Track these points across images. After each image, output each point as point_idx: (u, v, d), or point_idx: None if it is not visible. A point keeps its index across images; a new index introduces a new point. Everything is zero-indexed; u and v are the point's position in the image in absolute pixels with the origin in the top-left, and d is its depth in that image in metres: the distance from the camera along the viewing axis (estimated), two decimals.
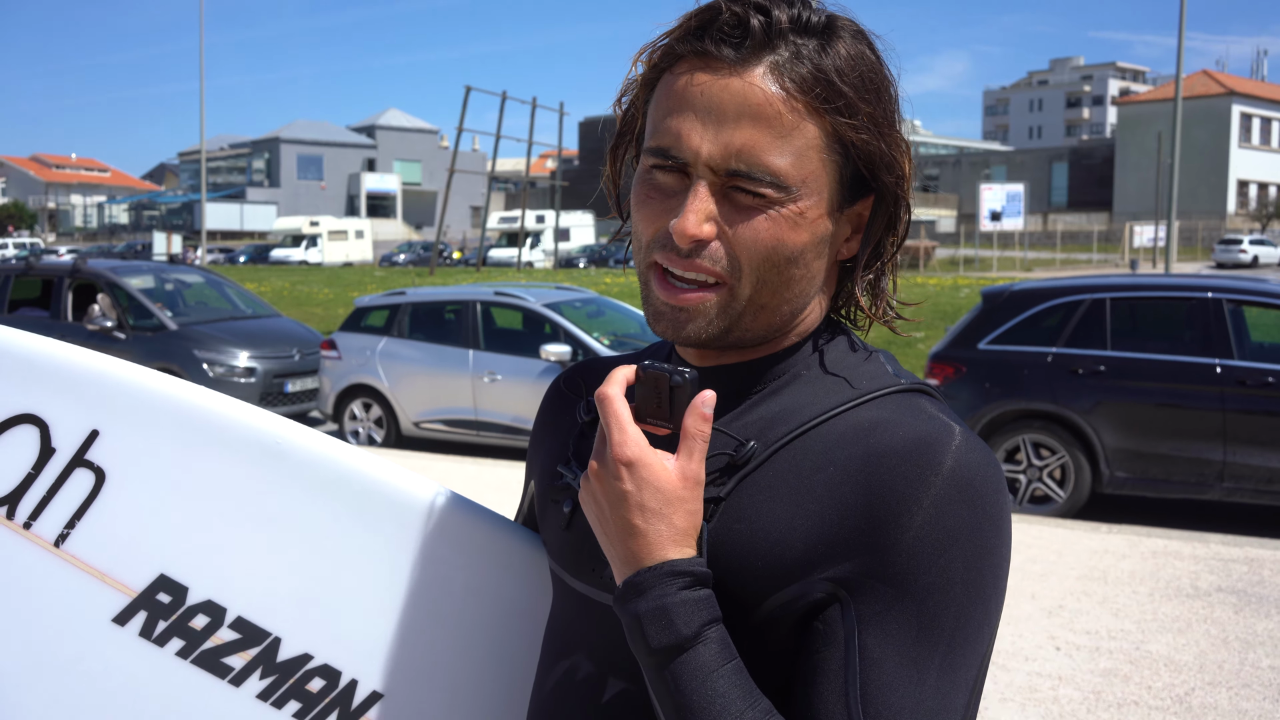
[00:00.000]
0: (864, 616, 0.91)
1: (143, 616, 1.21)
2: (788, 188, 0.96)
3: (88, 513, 1.21)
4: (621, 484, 0.93)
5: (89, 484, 1.21)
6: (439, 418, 10.15)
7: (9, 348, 1.22)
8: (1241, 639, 5.19)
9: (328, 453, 1.23)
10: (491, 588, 1.27)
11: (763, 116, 0.95)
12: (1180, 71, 23.86)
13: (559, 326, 9.75)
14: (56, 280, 11.86)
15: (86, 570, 1.21)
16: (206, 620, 1.21)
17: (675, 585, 0.92)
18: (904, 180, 1.02)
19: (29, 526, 1.20)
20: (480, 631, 1.27)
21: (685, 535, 0.94)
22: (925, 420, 0.96)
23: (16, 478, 1.20)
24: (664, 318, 1.00)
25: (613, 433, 0.94)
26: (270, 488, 1.22)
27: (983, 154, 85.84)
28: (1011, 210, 42.59)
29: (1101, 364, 7.59)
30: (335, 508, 1.23)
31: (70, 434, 1.20)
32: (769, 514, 0.96)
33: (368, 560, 1.23)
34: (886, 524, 0.92)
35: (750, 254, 0.97)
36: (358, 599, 1.23)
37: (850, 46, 0.98)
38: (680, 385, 0.95)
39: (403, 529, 1.24)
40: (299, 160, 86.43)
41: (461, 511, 1.26)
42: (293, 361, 11.31)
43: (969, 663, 0.93)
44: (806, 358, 1.05)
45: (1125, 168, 69.93)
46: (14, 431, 1.20)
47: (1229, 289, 7.62)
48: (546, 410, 1.26)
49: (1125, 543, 6.84)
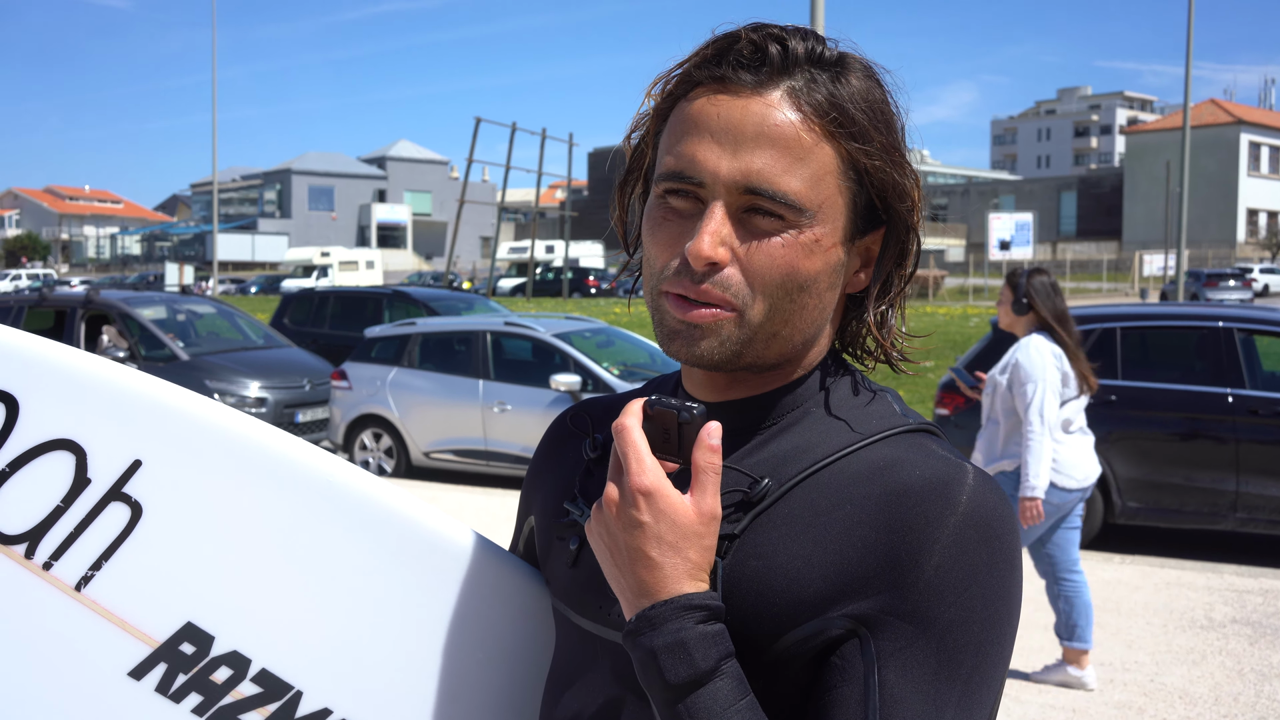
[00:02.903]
0: (884, 653, 0.91)
1: (162, 669, 1.12)
2: (804, 210, 0.96)
3: (117, 552, 1.11)
4: (639, 514, 0.93)
5: (123, 519, 1.11)
6: (449, 448, 10.15)
7: (53, 364, 1.11)
8: (1257, 671, 5.14)
9: (371, 492, 1.16)
10: (510, 636, 1.23)
11: (781, 139, 0.95)
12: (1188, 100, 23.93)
13: (569, 356, 9.76)
14: (70, 311, 11.94)
15: (107, 618, 1.11)
16: (229, 674, 1.13)
17: (692, 619, 0.91)
18: (915, 210, 1.03)
19: (49, 567, 1.11)
20: (498, 682, 1.23)
21: (699, 570, 0.94)
22: (938, 460, 0.97)
23: (42, 512, 1.10)
24: (678, 336, 0.99)
25: (630, 462, 0.94)
26: (310, 526, 1.14)
27: (991, 183, 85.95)
28: (1020, 239, 42.58)
29: (1113, 394, 7.56)
30: (372, 550, 1.16)
31: (110, 463, 1.10)
32: (786, 551, 0.96)
33: (399, 606, 1.17)
34: (907, 562, 0.92)
35: (764, 280, 0.96)
36: (385, 648, 1.17)
37: (861, 81, 1.00)
38: (688, 421, 0.95)
39: (436, 574, 1.18)
40: (310, 191, 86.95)
41: (494, 560, 1.21)
42: (303, 391, 11.34)
43: (985, 700, 0.94)
44: (814, 394, 1.05)
45: (1134, 197, 69.97)
46: (46, 458, 1.10)
47: (1240, 318, 7.61)
48: (548, 446, 1.25)
49: (1138, 573, 6.80)
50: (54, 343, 1.13)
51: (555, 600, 1.14)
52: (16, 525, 1.10)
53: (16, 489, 1.10)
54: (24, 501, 1.10)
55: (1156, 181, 62.64)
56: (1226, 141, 67.45)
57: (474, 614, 1.20)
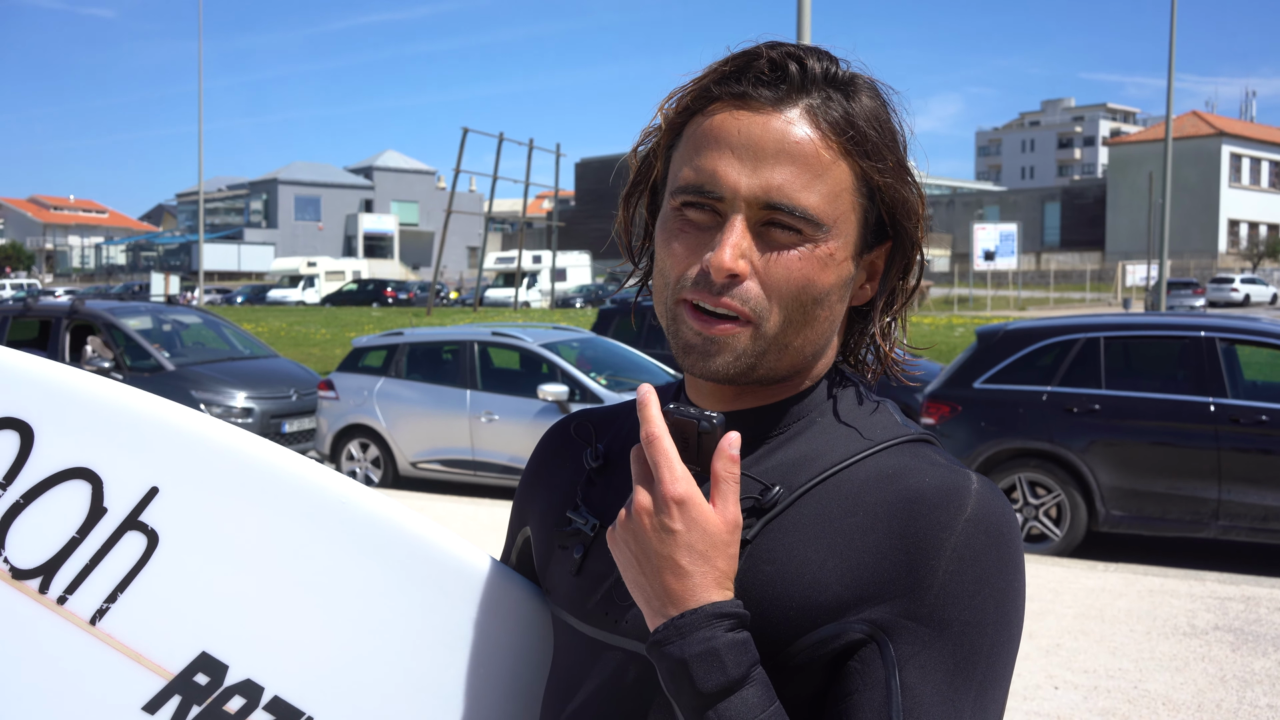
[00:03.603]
0: (903, 656, 0.93)
1: (176, 702, 1.10)
2: (821, 225, 0.99)
3: (132, 583, 1.09)
4: (671, 521, 0.93)
5: (139, 549, 1.09)
6: (436, 458, 10.15)
7: (68, 390, 1.09)
8: (1239, 677, 5.19)
9: (381, 512, 1.15)
10: (513, 651, 1.24)
11: (801, 155, 0.98)
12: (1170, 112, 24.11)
13: (556, 366, 9.78)
14: (54, 321, 11.89)
15: (122, 651, 1.09)
16: (242, 703, 1.12)
17: (722, 627, 0.92)
18: (920, 226, 1.06)
19: (64, 601, 1.08)
20: (502, 695, 1.23)
21: (726, 578, 0.95)
22: (942, 469, 1.00)
23: (58, 544, 1.07)
24: (694, 350, 1.01)
25: (663, 471, 0.94)
26: (322, 550, 1.13)
27: (976, 194, 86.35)
28: (1005, 250, 42.84)
29: (1096, 403, 7.62)
30: (381, 571, 1.15)
31: (126, 491, 1.08)
32: (799, 556, 0.98)
33: (405, 626, 1.17)
34: (920, 567, 0.95)
35: (781, 292, 0.99)
36: (392, 669, 1.16)
37: (870, 100, 1.03)
38: (708, 431, 0.96)
39: (442, 593, 1.18)
40: (296, 201, 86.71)
41: (496, 576, 1.21)
42: (290, 402, 11.32)
43: (997, 699, 0.97)
44: (820, 403, 1.07)
45: (1117, 207, 70.36)
46: (63, 488, 1.07)
47: (1222, 328, 7.68)
48: (543, 456, 1.25)
49: (1122, 581, 6.85)
50: (69, 368, 1.11)
51: (556, 609, 1.15)
52: (31, 559, 1.08)
53: (32, 520, 1.08)
54: (39, 533, 1.08)
55: (1139, 192, 62.99)
56: (1208, 153, 67.93)
57: (478, 631, 1.20)
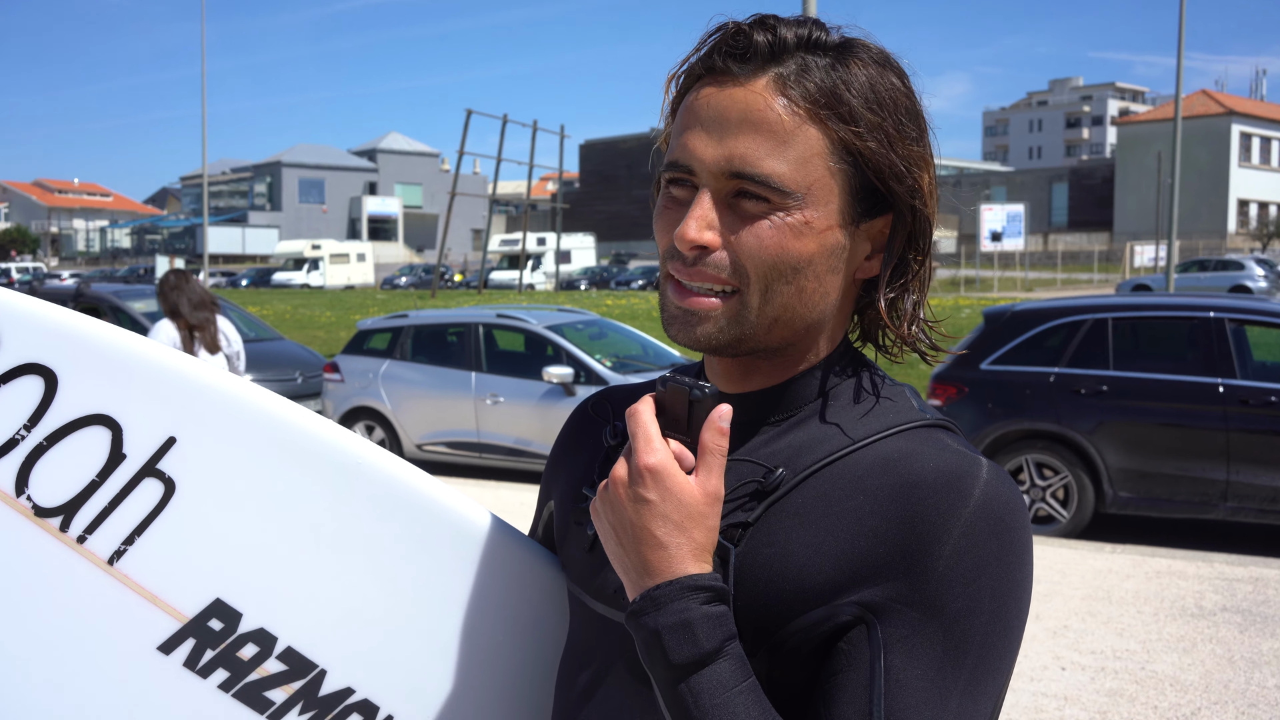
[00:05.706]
0: (890, 639, 0.92)
1: (190, 645, 1.13)
2: (790, 193, 0.97)
3: (149, 528, 1.12)
4: (645, 491, 0.93)
5: (156, 496, 1.12)
6: (442, 440, 10.15)
7: (92, 340, 1.12)
8: (1247, 659, 5.17)
9: (399, 474, 1.17)
10: (528, 618, 1.25)
11: (764, 123, 0.97)
12: (1180, 91, 23.96)
13: (561, 348, 9.76)
14: (61, 304, 11.90)
15: (138, 592, 1.12)
16: (255, 650, 1.14)
17: (697, 599, 0.92)
18: (921, 194, 1.02)
19: (83, 541, 1.11)
20: (515, 663, 1.24)
21: (704, 551, 0.94)
22: (951, 454, 0.97)
23: (78, 485, 1.11)
24: (676, 321, 1.02)
25: (639, 442, 0.95)
26: (338, 507, 1.16)
27: (983, 174, 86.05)
28: (1012, 230, 42.65)
29: (1104, 384, 7.59)
30: (398, 532, 1.17)
31: (145, 439, 1.11)
32: (799, 539, 0.97)
33: (421, 588, 1.19)
34: (918, 551, 0.93)
35: (755, 262, 0.98)
36: (406, 629, 1.18)
37: (866, 65, 1.00)
38: (699, 400, 0.95)
39: (458, 557, 1.19)
40: (301, 184, 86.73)
41: (513, 543, 1.23)
42: (295, 384, 11.32)
43: (989, 690, 0.94)
44: (832, 387, 1.06)
45: (1125, 188, 70.10)
46: (83, 433, 1.11)
47: (1231, 309, 7.64)
48: (571, 433, 1.26)
49: (1129, 563, 6.83)
50: (93, 319, 1.14)
51: (570, 584, 1.16)
52: (53, 498, 1.11)
53: (53, 462, 1.11)
54: (60, 475, 1.11)
55: (1148, 172, 62.78)
56: (1218, 132, 67.59)
57: (493, 596, 1.21)
